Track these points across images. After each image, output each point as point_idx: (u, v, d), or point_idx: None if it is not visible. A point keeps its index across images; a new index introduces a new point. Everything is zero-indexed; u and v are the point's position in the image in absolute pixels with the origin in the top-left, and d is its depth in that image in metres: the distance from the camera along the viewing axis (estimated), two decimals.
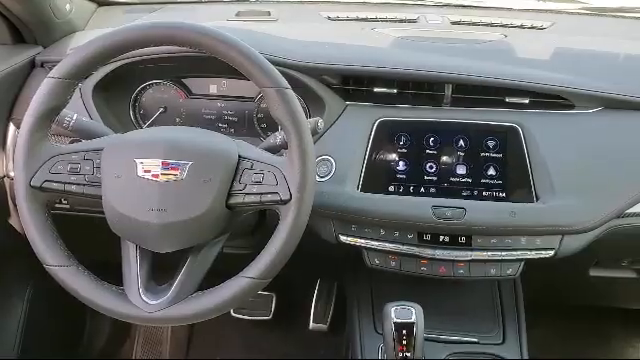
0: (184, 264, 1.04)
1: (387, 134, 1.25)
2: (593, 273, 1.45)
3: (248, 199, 1.00)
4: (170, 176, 0.98)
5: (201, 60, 1.21)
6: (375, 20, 1.52)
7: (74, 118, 1.13)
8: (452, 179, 1.22)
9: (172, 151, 1.00)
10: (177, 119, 1.41)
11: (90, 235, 1.25)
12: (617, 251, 1.37)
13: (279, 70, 1.01)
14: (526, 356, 1.37)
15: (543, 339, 1.84)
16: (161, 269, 1.08)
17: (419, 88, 1.28)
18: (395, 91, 1.28)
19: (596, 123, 1.23)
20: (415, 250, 1.23)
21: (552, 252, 1.21)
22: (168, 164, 0.99)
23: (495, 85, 1.23)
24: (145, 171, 0.99)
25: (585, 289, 1.67)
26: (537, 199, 1.18)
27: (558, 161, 1.19)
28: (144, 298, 1.01)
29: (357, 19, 1.53)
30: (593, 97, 1.23)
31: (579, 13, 1.67)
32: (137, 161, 1.00)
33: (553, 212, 1.17)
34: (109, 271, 1.13)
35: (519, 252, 1.21)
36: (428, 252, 1.23)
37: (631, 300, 1.80)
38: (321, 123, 1.12)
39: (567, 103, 1.24)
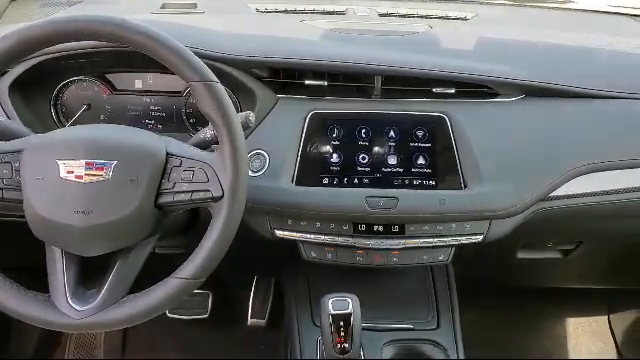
0: (113, 267, 1.01)
1: (319, 127, 1.24)
2: (521, 255, 1.51)
3: (178, 198, 0.98)
4: (94, 177, 0.95)
5: (125, 54, 1.17)
6: (304, 12, 1.51)
7: None
8: (384, 169, 1.23)
9: (96, 150, 0.96)
10: (101, 116, 1.36)
11: (13, 241, 1.19)
12: (543, 233, 1.43)
13: (207, 63, 0.99)
14: (460, 339, 1.40)
15: (476, 321, 1.90)
16: (90, 273, 1.04)
17: (349, 80, 1.29)
18: (326, 83, 1.28)
19: (519, 110, 1.27)
20: (350, 241, 1.24)
21: (481, 237, 1.24)
22: (92, 164, 0.95)
23: (422, 76, 1.25)
24: (68, 172, 0.95)
25: (514, 271, 1.73)
26: (465, 186, 1.21)
27: (484, 149, 1.22)
28: (72, 304, 0.98)
29: (285, 11, 1.52)
30: (515, 85, 1.27)
31: (501, 4, 1.73)
32: (59, 162, 0.96)
33: (480, 198, 1.20)
34: (35, 277, 1.08)
35: (450, 238, 1.24)
36: (363, 242, 1.24)
37: (557, 280, 1.88)
38: (252, 117, 1.10)
39: (491, 92, 1.28)
